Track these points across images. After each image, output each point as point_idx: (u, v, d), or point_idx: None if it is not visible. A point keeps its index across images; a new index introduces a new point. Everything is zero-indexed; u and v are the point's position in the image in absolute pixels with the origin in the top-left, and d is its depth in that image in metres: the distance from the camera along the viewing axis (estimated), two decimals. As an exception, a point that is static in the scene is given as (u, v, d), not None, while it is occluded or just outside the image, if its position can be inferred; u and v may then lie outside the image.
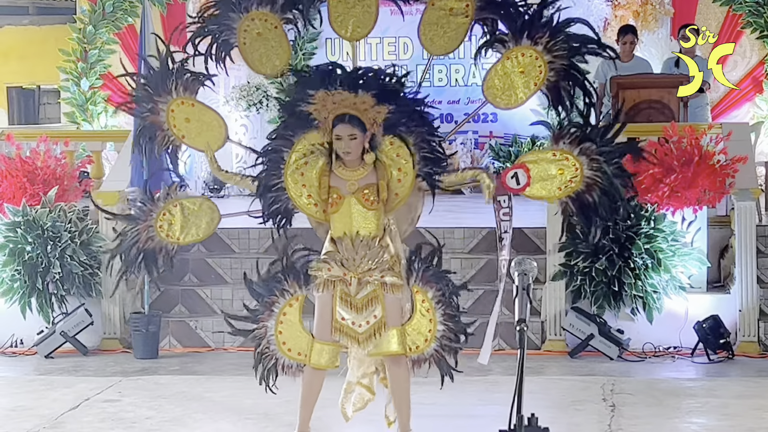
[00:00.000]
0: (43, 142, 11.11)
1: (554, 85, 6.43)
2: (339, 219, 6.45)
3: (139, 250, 6.78)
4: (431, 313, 6.51)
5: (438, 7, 6.63)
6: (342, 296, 6.50)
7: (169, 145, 6.82)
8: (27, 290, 10.52)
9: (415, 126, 6.43)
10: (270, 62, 6.81)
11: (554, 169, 6.37)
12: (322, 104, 6.35)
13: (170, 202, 6.78)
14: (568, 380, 9.09)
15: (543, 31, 6.39)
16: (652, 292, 10.00)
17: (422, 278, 6.51)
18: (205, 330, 10.74)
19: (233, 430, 7.72)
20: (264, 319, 6.72)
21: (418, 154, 6.44)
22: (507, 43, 6.48)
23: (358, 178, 6.41)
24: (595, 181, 6.33)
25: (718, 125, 11.19)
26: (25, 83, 17.96)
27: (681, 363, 9.80)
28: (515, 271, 3.97)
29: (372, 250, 6.41)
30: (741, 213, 10.19)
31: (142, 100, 6.83)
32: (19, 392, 9.00)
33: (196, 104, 6.79)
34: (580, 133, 6.35)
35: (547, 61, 6.39)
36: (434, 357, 6.56)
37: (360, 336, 6.50)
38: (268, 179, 6.56)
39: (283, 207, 6.58)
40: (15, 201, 10.69)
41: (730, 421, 7.84)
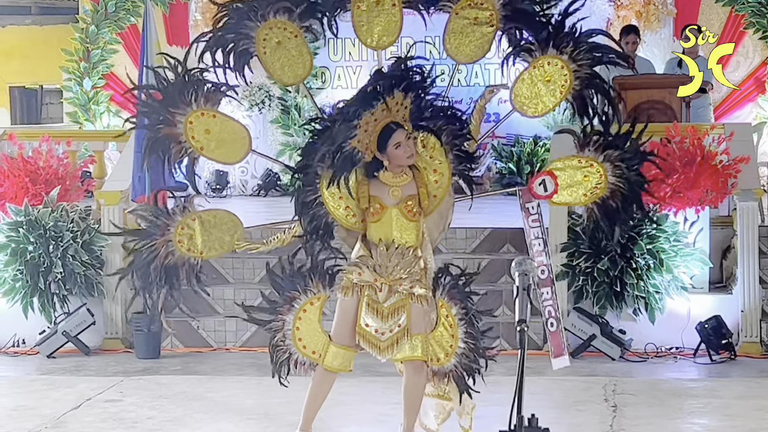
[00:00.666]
0: (45, 142, 11.12)
1: (579, 94, 6.51)
2: (379, 228, 6.43)
3: (159, 266, 6.62)
4: (453, 329, 6.51)
5: (462, 16, 6.65)
6: (369, 302, 6.46)
7: (184, 157, 6.63)
8: (29, 290, 10.52)
9: (445, 124, 6.43)
10: (292, 71, 6.75)
11: (580, 175, 6.49)
12: (364, 129, 6.28)
13: (188, 216, 6.63)
14: (569, 381, 9.08)
15: (567, 41, 6.46)
16: (654, 292, 10.00)
17: (448, 293, 6.52)
18: (207, 330, 10.74)
19: (235, 430, 7.72)
20: (283, 312, 6.67)
21: (450, 153, 6.46)
22: (533, 52, 6.53)
23: (402, 184, 6.39)
24: (618, 187, 6.47)
25: (720, 126, 11.18)
26: (28, 83, 17.99)
27: (683, 363, 9.80)
28: (515, 272, 3.97)
29: (405, 259, 6.40)
30: (743, 213, 10.18)
31: (154, 112, 6.62)
32: (21, 392, 9.01)
33: (218, 115, 6.62)
34: (604, 140, 6.47)
35: (572, 70, 6.46)
36: (453, 373, 6.56)
37: (382, 344, 6.47)
38: (305, 196, 6.47)
39: (322, 222, 6.48)
40: (17, 201, 10.70)
41: (732, 421, 7.84)
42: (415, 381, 6.50)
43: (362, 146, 6.31)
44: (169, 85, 6.60)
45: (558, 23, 6.48)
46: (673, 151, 10.14)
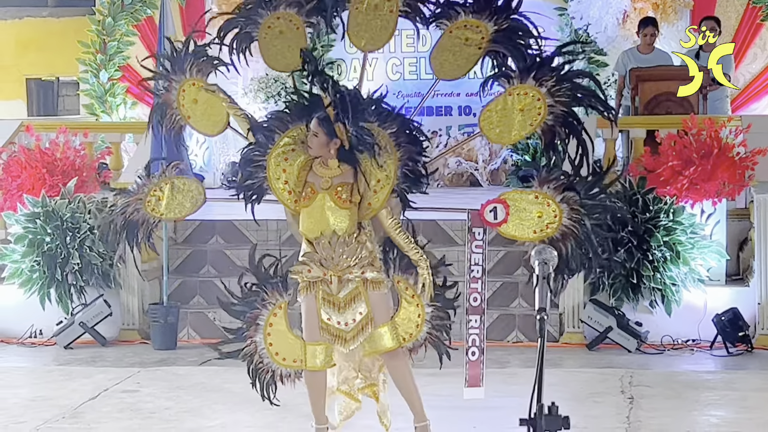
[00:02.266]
0: (62, 134, 11.15)
1: (550, 129, 6.45)
2: (310, 214, 6.48)
3: (125, 220, 6.87)
4: (416, 298, 6.54)
5: (455, 35, 6.68)
6: (324, 296, 6.52)
7: (174, 124, 6.93)
8: (46, 281, 10.56)
9: (405, 143, 6.47)
10: (284, 59, 6.89)
11: (534, 211, 6.41)
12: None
13: (162, 180, 6.88)
14: (586, 373, 9.09)
15: (550, 75, 6.42)
16: (671, 284, 9.98)
17: (400, 267, 6.57)
18: (224, 321, 10.74)
19: (251, 420, 7.73)
20: (251, 335, 6.72)
21: (400, 170, 6.46)
22: (512, 79, 6.50)
23: (331, 176, 6.45)
24: (572, 231, 6.35)
25: (737, 117, 11.15)
26: (45, 75, 17.98)
27: (699, 356, 9.79)
28: (535, 260, 3.96)
29: (350, 247, 6.43)
30: (760, 205, 10.16)
31: (161, 78, 6.97)
32: (38, 382, 9.04)
33: (205, 87, 6.87)
34: (567, 182, 6.38)
35: (548, 104, 6.40)
36: (429, 340, 6.62)
37: (346, 335, 6.52)
38: (252, 153, 6.61)
39: (257, 185, 6.61)
40: (34, 192, 10.73)
41: (749, 413, 7.83)
42: (397, 368, 6.58)
43: None
44: (176, 54, 6.89)
45: (544, 58, 6.46)
46: (690, 143, 10.12)
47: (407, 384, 6.60)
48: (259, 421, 7.69)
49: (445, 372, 6.81)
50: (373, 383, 6.79)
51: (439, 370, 6.72)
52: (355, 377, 6.84)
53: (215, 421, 7.67)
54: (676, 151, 10.07)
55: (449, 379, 6.79)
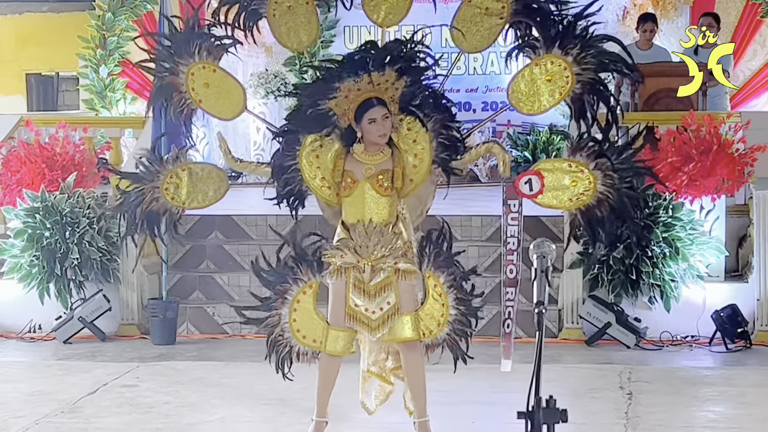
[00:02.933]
0: (62, 129, 11.15)
1: (579, 98, 6.41)
2: (351, 203, 6.45)
3: (143, 210, 6.73)
4: (443, 297, 6.50)
5: (474, 4, 6.60)
6: (355, 283, 6.47)
7: (184, 108, 6.77)
8: (45, 276, 10.56)
9: (433, 112, 6.44)
10: (297, 37, 6.81)
11: (568, 180, 6.37)
12: (345, 96, 6.35)
13: (179, 166, 6.74)
14: (585, 368, 9.10)
15: (575, 42, 6.36)
16: (670, 280, 9.99)
17: (434, 263, 6.52)
18: (223, 316, 10.76)
19: (250, 415, 7.74)
20: (277, 307, 6.67)
21: (435, 140, 6.44)
22: (538, 49, 6.44)
23: (376, 163, 6.41)
24: (606, 197, 6.33)
25: (737, 114, 11.16)
26: (44, 70, 18.00)
27: (698, 352, 9.79)
28: (534, 254, 3.96)
29: (385, 237, 6.41)
30: (760, 202, 10.17)
31: (162, 59, 6.80)
32: (37, 377, 9.05)
33: (218, 70, 6.75)
34: (598, 149, 6.35)
35: (575, 73, 6.36)
36: (447, 341, 6.57)
37: (373, 322, 6.48)
38: (283, 160, 6.56)
39: (296, 189, 6.58)
40: (34, 187, 10.73)
41: (748, 409, 7.84)
42: (412, 360, 6.53)
43: (340, 111, 6.38)
44: (178, 35, 6.78)
45: (569, 24, 6.40)
46: (690, 140, 10.12)
47: (418, 378, 6.59)
48: (258, 416, 7.70)
49: (443, 368, 6.81)
50: (400, 365, 6.75)
51: (436, 366, 6.73)
52: (385, 359, 6.81)
53: (214, 416, 7.67)
54: (676, 147, 10.07)
55: (448, 375, 6.79)
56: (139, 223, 6.75)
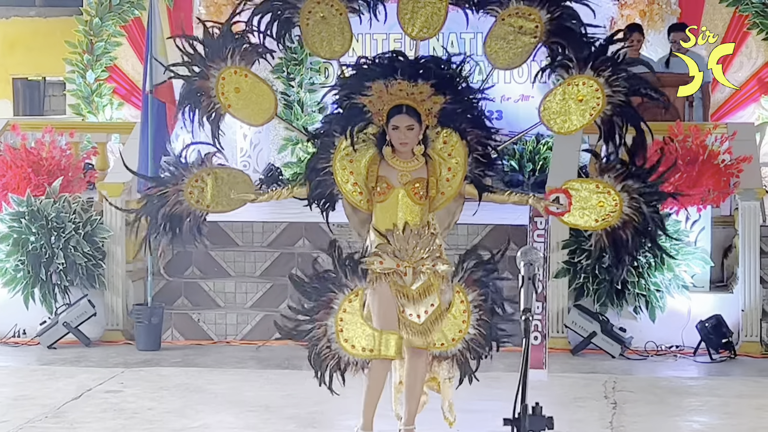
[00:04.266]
0: (48, 133, 11.13)
1: (609, 119, 6.48)
2: (385, 209, 6.41)
3: (166, 213, 6.66)
4: (467, 314, 6.48)
5: (507, 23, 6.62)
6: (397, 289, 6.42)
7: (212, 112, 6.72)
8: (30, 280, 10.53)
9: (471, 127, 6.45)
10: (330, 47, 6.81)
11: (595, 200, 6.45)
12: (378, 96, 6.36)
13: (204, 170, 6.69)
14: (570, 377, 9.11)
15: (607, 65, 6.43)
16: (655, 290, 10.01)
17: (467, 279, 6.50)
18: (208, 323, 10.76)
19: (235, 422, 7.73)
20: (321, 318, 6.50)
21: (470, 156, 6.45)
22: (571, 69, 6.49)
23: (410, 170, 6.40)
24: (632, 219, 6.43)
25: (723, 125, 11.19)
26: (31, 75, 17.98)
27: (683, 362, 9.81)
28: (521, 261, 3.98)
29: (423, 239, 6.39)
30: (745, 213, 10.20)
31: (195, 62, 6.73)
32: (21, 382, 9.02)
33: (250, 75, 6.72)
34: (625, 171, 6.43)
35: (606, 94, 6.42)
36: (457, 357, 6.54)
37: (420, 327, 6.41)
38: (316, 162, 6.54)
39: (327, 192, 6.53)
40: (19, 191, 10.70)
41: (732, 420, 7.85)
42: (415, 366, 6.49)
43: (374, 109, 6.39)
44: (212, 40, 6.70)
45: (601, 46, 6.47)
46: (676, 150, 10.14)
47: (416, 387, 6.55)
48: (242, 422, 7.68)
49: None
50: (435, 376, 6.69)
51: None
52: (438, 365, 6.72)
53: (198, 422, 7.66)
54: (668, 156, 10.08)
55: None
56: (161, 225, 6.68)
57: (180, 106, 6.89)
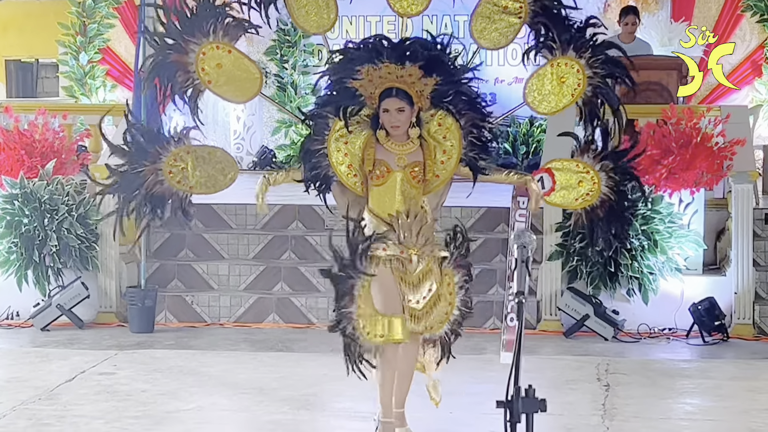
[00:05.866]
0: (41, 115, 11.10)
1: (589, 100, 6.51)
2: (382, 193, 6.37)
3: (146, 193, 6.48)
4: (452, 296, 6.48)
5: (492, 2, 6.60)
6: (399, 275, 6.38)
7: (189, 88, 6.53)
8: (23, 263, 10.53)
9: (465, 110, 6.44)
10: (315, 20, 6.72)
11: (575, 180, 6.50)
12: (369, 79, 6.32)
13: (182, 149, 6.50)
14: (562, 360, 9.12)
15: (587, 47, 6.46)
16: (648, 273, 10.02)
17: (454, 262, 6.49)
18: (201, 305, 10.76)
19: (228, 404, 7.73)
20: (347, 306, 6.39)
21: (465, 139, 6.44)
22: (554, 50, 6.51)
23: (406, 153, 6.37)
24: (608, 198, 6.49)
25: (716, 108, 11.19)
26: (24, 56, 17.93)
27: (676, 344, 9.83)
28: (514, 244, 3.98)
29: (426, 225, 6.38)
30: (738, 196, 10.20)
31: (170, 35, 6.50)
32: (14, 364, 9.02)
33: (234, 51, 6.54)
34: (602, 151, 6.48)
35: (587, 76, 6.46)
36: (442, 338, 6.53)
37: (419, 312, 6.39)
38: (311, 143, 6.46)
39: (323, 173, 6.45)
40: (12, 173, 10.69)
41: (724, 402, 7.87)
42: (407, 352, 6.47)
43: (366, 93, 6.35)
44: (191, 13, 6.49)
45: (581, 28, 6.48)
46: (669, 133, 10.14)
47: (409, 370, 6.51)
48: (236, 405, 7.69)
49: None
50: (420, 359, 6.65)
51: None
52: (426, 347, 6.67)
53: (192, 404, 7.66)
54: (655, 140, 10.09)
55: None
56: (142, 205, 6.50)
57: (148, 78, 6.61)
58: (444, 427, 7.04)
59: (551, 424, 6.99)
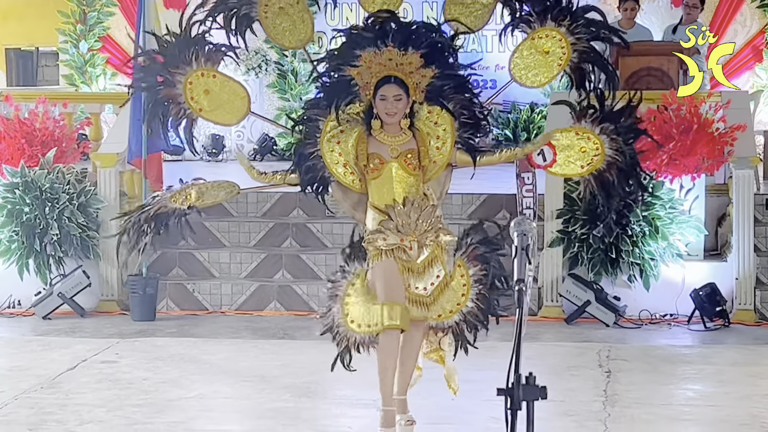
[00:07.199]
0: (41, 104, 11.10)
1: (577, 67, 6.50)
2: (380, 185, 6.37)
3: (149, 217, 6.64)
4: (466, 288, 6.46)
5: None
6: (402, 264, 6.37)
7: (182, 119, 6.62)
8: (25, 251, 10.53)
9: (455, 92, 6.44)
10: (294, 36, 6.73)
11: (577, 147, 6.47)
12: (367, 66, 6.32)
13: (186, 186, 6.65)
14: (564, 346, 9.13)
15: (565, 14, 6.44)
16: (650, 259, 10.02)
17: (469, 254, 6.46)
18: (203, 293, 10.76)
19: (229, 392, 7.74)
20: (330, 307, 6.50)
21: (457, 120, 6.44)
22: (532, 23, 6.50)
23: (400, 143, 6.37)
24: (615, 159, 6.45)
25: (717, 93, 11.18)
26: (24, 45, 17.90)
27: (677, 330, 9.84)
28: (514, 231, 3.97)
29: (425, 211, 6.36)
30: (739, 181, 10.20)
31: (154, 72, 6.63)
32: (16, 353, 9.03)
33: (218, 75, 6.62)
34: (600, 114, 6.45)
35: (570, 43, 6.44)
36: (453, 329, 6.50)
37: (427, 299, 6.38)
38: (304, 148, 6.48)
39: (319, 175, 6.46)
40: (13, 162, 10.69)
41: (725, 387, 7.88)
42: (412, 338, 6.45)
43: (362, 82, 6.35)
44: (170, 45, 6.60)
45: None
46: (670, 119, 10.14)
47: (412, 358, 6.49)
48: (237, 393, 7.70)
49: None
50: (436, 348, 6.67)
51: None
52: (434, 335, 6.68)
53: (193, 392, 7.67)
54: (656, 126, 10.08)
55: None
56: (145, 226, 6.65)
57: (149, 119, 6.75)
58: (445, 414, 7.05)
59: (552, 411, 6.99)
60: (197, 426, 7.02)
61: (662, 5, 14.86)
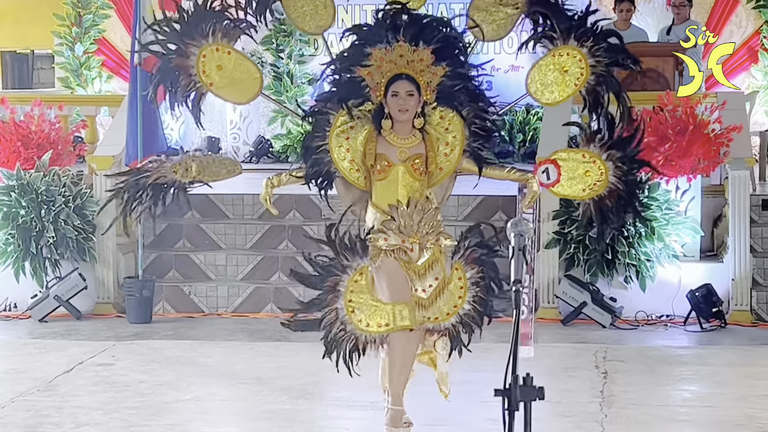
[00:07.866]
0: (37, 107, 11.09)
1: (593, 89, 6.49)
2: (385, 187, 6.36)
3: (147, 184, 6.54)
4: (463, 291, 6.45)
5: None
6: (403, 265, 6.36)
7: (192, 91, 6.55)
8: (21, 254, 10.52)
9: (468, 101, 6.43)
10: (314, 21, 6.67)
11: (582, 170, 6.47)
12: (378, 65, 6.30)
13: (187, 158, 6.60)
14: (560, 347, 9.14)
15: (588, 35, 6.44)
16: (646, 260, 10.03)
17: (467, 257, 6.44)
18: (199, 295, 10.76)
19: (226, 394, 7.74)
20: (330, 303, 6.39)
21: (468, 129, 6.43)
22: (555, 40, 6.49)
23: (409, 146, 6.35)
24: (617, 187, 6.46)
25: (713, 94, 11.19)
26: (19, 48, 17.89)
27: (673, 331, 9.84)
28: (511, 232, 3.97)
29: (428, 214, 6.35)
30: (735, 182, 10.21)
31: (170, 40, 6.53)
32: (12, 355, 9.03)
33: (233, 52, 6.54)
34: (609, 140, 6.45)
35: (589, 65, 6.44)
36: (449, 331, 6.49)
37: (426, 301, 6.37)
38: (312, 140, 6.45)
39: (324, 169, 6.43)
40: (9, 165, 10.69)
41: (722, 388, 7.89)
42: (410, 339, 6.45)
43: (372, 83, 6.33)
44: (190, 16, 6.51)
45: (581, 17, 6.47)
46: (666, 120, 10.15)
47: (409, 359, 6.46)
48: (234, 395, 7.70)
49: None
50: (429, 350, 6.63)
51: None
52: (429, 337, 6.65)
53: (190, 395, 7.67)
54: (652, 127, 10.09)
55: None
56: (140, 194, 6.55)
57: (156, 85, 6.66)
58: (442, 415, 7.05)
59: (549, 412, 7.00)
60: (194, 428, 7.03)
61: (658, 6, 14.84)
